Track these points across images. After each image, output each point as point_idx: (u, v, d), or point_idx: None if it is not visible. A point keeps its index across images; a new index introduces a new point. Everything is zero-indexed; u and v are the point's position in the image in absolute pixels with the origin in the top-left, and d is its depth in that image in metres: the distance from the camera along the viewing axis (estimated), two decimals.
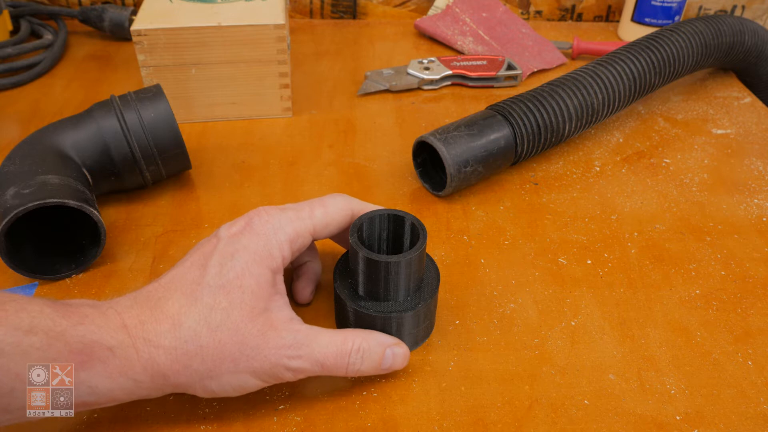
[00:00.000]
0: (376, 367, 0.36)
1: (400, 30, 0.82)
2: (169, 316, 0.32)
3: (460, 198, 0.53)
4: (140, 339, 0.31)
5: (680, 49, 0.61)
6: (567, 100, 0.55)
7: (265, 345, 0.32)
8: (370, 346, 0.35)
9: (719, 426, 0.36)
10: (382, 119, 0.63)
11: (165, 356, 0.31)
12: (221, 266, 0.33)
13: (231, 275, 0.33)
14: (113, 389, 0.31)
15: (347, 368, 0.35)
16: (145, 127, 0.47)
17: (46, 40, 0.71)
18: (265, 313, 0.33)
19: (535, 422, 0.36)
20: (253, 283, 0.33)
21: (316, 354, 0.33)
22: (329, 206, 0.37)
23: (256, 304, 0.33)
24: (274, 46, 0.58)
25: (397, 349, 0.36)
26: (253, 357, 0.32)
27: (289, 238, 0.35)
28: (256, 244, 0.34)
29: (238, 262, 0.33)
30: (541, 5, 0.86)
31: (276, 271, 0.35)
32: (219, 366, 0.32)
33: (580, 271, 0.46)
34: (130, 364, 0.30)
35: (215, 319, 0.32)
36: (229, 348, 0.32)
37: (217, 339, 0.32)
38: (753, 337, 0.42)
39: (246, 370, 0.32)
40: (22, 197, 0.40)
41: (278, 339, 0.33)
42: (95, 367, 0.30)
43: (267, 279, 0.34)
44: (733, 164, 0.59)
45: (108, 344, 0.30)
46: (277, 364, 0.33)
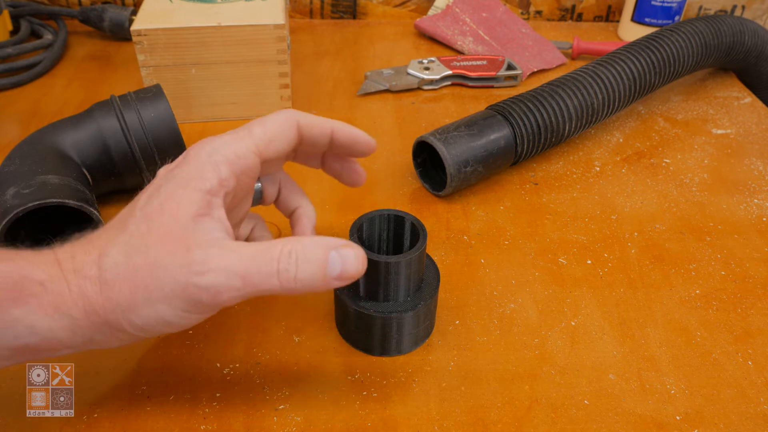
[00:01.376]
0: (320, 273, 0.30)
1: (400, 30, 0.82)
2: (96, 247, 0.30)
3: (460, 198, 0.53)
4: (70, 271, 0.29)
5: (680, 49, 0.61)
6: (567, 100, 0.55)
7: (173, 264, 0.29)
8: (305, 247, 0.30)
9: (719, 426, 0.36)
10: (382, 119, 0.63)
11: (91, 287, 0.29)
12: (149, 197, 0.31)
13: (155, 202, 0.31)
14: (53, 328, 0.29)
15: (279, 277, 0.29)
16: (145, 127, 0.47)
17: (46, 40, 0.71)
18: (182, 233, 0.30)
19: (535, 422, 0.36)
20: (174, 206, 0.30)
21: (230, 266, 0.29)
22: (268, 122, 0.34)
23: (173, 226, 0.30)
24: (274, 46, 0.58)
25: (345, 250, 0.30)
26: (160, 279, 0.29)
27: (227, 160, 0.32)
28: (186, 170, 0.32)
29: (165, 189, 0.31)
30: (541, 5, 0.86)
31: (210, 192, 0.31)
32: (134, 295, 0.29)
33: (580, 271, 0.46)
34: (62, 299, 0.29)
35: (133, 245, 0.30)
36: (142, 274, 0.29)
37: (131, 265, 0.29)
38: (753, 337, 0.42)
39: (159, 297, 0.29)
40: (22, 197, 0.40)
41: (187, 256, 0.29)
42: (29, 303, 0.29)
43: (192, 200, 0.30)
44: (733, 164, 0.59)
45: (38, 278, 0.29)
46: (188, 284, 0.29)
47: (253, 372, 0.38)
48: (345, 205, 0.51)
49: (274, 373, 0.38)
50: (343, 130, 0.37)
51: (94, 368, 0.37)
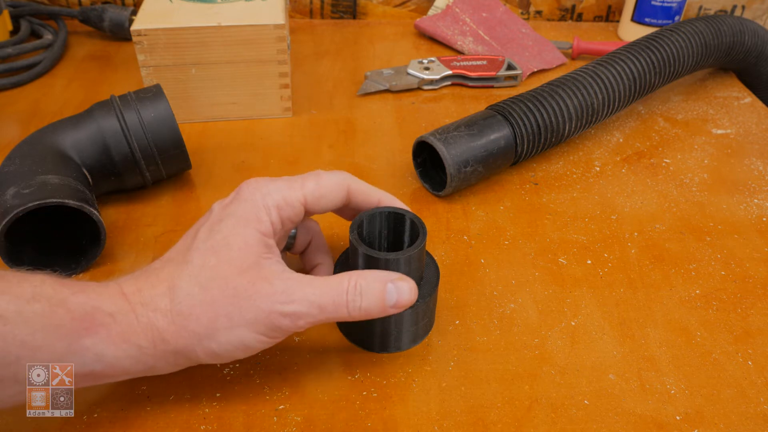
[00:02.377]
0: (380, 303, 0.34)
1: (400, 30, 0.82)
2: (163, 281, 0.32)
3: (460, 198, 0.53)
4: (138, 304, 0.32)
5: (680, 49, 0.61)
6: (567, 100, 0.55)
7: (256, 294, 0.32)
8: (368, 282, 0.34)
9: (719, 426, 0.36)
10: (382, 119, 0.63)
11: (162, 319, 0.31)
12: (210, 231, 0.34)
13: (218, 237, 0.33)
14: (119, 356, 0.31)
15: (348, 307, 0.33)
16: (145, 127, 0.47)
17: (46, 40, 0.71)
18: (256, 267, 0.33)
19: (535, 422, 0.36)
20: (240, 241, 0.33)
21: (310, 296, 0.33)
22: (323, 179, 0.37)
23: (245, 259, 0.33)
24: (274, 46, 0.58)
25: (400, 283, 0.34)
26: (246, 308, 0.32)
27: (277, 204, 0.35)
28: (243, 209, 0.34)
29: (226, 225, 0.34)
30: (541, 5, 0.86)
31: (266, 234, 0.34)
32: (214, 323, 0.32)
33: (580, 271, 0.46)
34: (131, 329, 0.31)
35: (205, 276, 0.32)
36: (221, 303, 0.32)
37: (209, 297, 0.32)
38: (753, 337, 0.42)
39: (241, 323, 0.32)
40: (22, 197, 0.40)
41: (269, 287, 0.32)
42: (99, 333, 0.30)
43: (255, 238, 0.33)
44: (733, 164, 0.59)
45: (108, 310, 0.31)
46: (272, 312, 0.32)
47: (253, 372, 0.38)
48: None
49: (274, 373, 0.38)
50: (389, 201, 0.39)
51: None
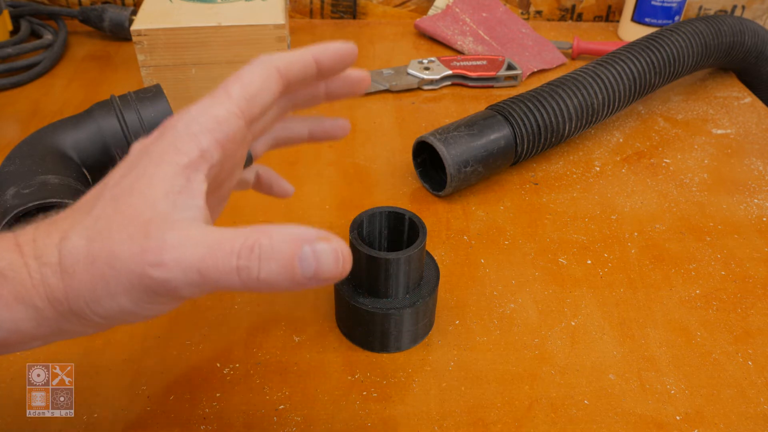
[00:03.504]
0: (288, 271, 0.25)
1: (400, 30, 0.82)
2: (59, 230, 0.27)
3: (460, 198, 0.53)
4: (31, 257, 0.27)
5: (680, 49, 0.61)
6: (567, 100, 0.55)
7: (127, 252, 0.25)
8: (273, 242, 0.25)
9: (719, 426, 0.36)
10: (382, 119, 0.63)
11: (53, 275, 0.26)
12: (121, 176, 0.28)
13: (126, 182, 0.27)
14: (16, 320, 0.26)
15: (239, 274, 0.25)
16: (145, 127, 0.47)
17: (46, 40, 0.71)
18: (150, 217, 0.26)
19: (535, 422, 0.36)
20: (144, 185, 0.27)
21: (187, 258, 0.25)
22: (245, 77, 0.30)
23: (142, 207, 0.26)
24: (274, 46, 0.58)
25: (321, 245, 0.25)
26: (120, 271, 0.26)
27: (207, 129, 0.28)
28: (160, 145, 0.28)
29: (138, 167, 0.28)
30: (541, 5, 0.86)
31: (190, 167, 0.27)
32: (95, 285, 0.26)
33: (580, 271, 0.46)
34: (24, 288, 0.26)
35: (96, 229, 0.26)
36: (100, 263, 0.26)
37: (90, 252, 0.26)
38: (753, 337, 0.42)
39: (118, 289, 0.26)
40: (22, 197, 0.40)
41: (143, 242, 0.25)
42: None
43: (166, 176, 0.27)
44: (733, 164, 0.59)
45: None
46: (143, 276, 0.25)
47: (253, 372, 0.38)
48: (345, 204, 0.51)
49: (274, 373, 0.38)
50: (325, 51, 0.32)
51: (94, 368, 0.37)
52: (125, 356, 0.38)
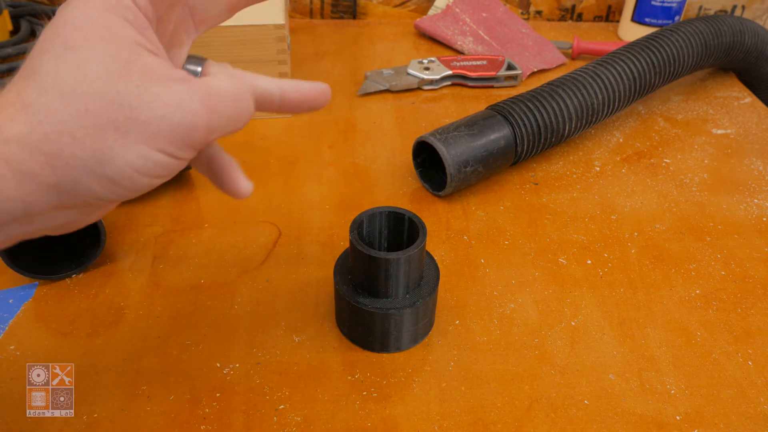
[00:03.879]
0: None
1: (400, 30, 0.82)
2: (9, 103, 0.24)
3: (460, 198, 0.53)
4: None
5: (680, 49, 0.61)
6: (567, 100, 0.55)
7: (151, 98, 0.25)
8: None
9: (719, 426, 0.36)
10: (382, 119, 0.63)
11: (20, 151, 0.23)
12: (53, 28, 0.25)
13: (68, 30, 0.25)
14: None
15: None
16: None
17: None
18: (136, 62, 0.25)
19: (535, 422, 0.36)
20: (100, 31, 0.25)
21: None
22: None
23: (116, 52, 0.25)
24: (274, 46, 0.58)
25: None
26: (140, 112, 0.24)
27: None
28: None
29: (74, 17, 0.25)
30: (541, 5, 0.86)
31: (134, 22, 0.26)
32: (102, 141, 0.24)
33: (580, 271, 0.46)
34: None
35: (67, 85, 0.24)
36: (104, 114, 0.24)
37: (81, 108, 0.24)
38: (753, 337, 0.42)
39: (139, 137, 0.25)
40: None
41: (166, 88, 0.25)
42: None
43: (119, 23, 0.25)
44: (733, 164, 0.59)
45: None
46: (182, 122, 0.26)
47: (253, 372, 0.38)
48: (345, 204, 0.51)
49: (274, 373, 0.38)
50: None
51: (94, 368, 0.37)
52: (125, 356, 0.38)
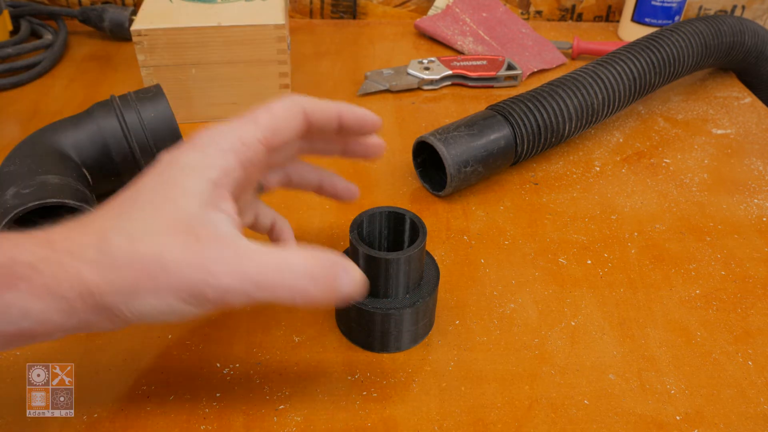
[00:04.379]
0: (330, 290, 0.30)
1: (400, 30, 0.82)
2: (95, 230, 0.29)
3: (460, 198, 0.53)
4: (65, 252, 0.28)
5: (680, 49, 0.61)
6: (567, 100, 0.55)
7: (185, 259, 0.28)
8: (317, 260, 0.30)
9: (719, 426, 0.36)
10: (382, 119, 0.63)
11: (89, 271, 0.28)
12: (153, 182, 0.31)
13: (160, 189, 0.30)
14: (46, 311, 0.28)
15: (291, 291, 0.29)
16: (145, 127, 0.47)
17: (46, 40, 0.71)
18: (192, 226, 0.29)
19: (535, 422, 0.36)
20: (179, 194, 0.29)
21: (249, 270, 0.28)
22: (274, 109, 0.33)
23: (182, 215, 0.29)
24: (274, 46, 0.58)
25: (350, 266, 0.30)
26: (172, 272, 0.28)
27: (233, 148, 0.31)
28: (191, 158, 0.31)
29: (170, 176, 0.30)
30: (541, 5, 0.86)
31: (217, 184, 0.30)
32: (139, 283, 0.28)
33: (580, 271, 0.46)
34: (56, 282, 0.28)
35: (136, 230, 0.29)
36: (147, 261, 0.28)
37: (136, 253, 0.28)
38: (753, 337, 0.42)
39: (166, 288, 0.28)
40: (22, 197, 0.40)
41: (201, 253, 0.29)
42: (19, 287, 0.27)
43: (200, 190, 0.30)
44: (733, 164, 0.59)
45: (27, 260, 0.28)
46: (199, 281, 0.28)
47: (253, 372, 0.38)
48: (345, 204, 0.51)
49: (274, 373, 0.38)
50: (350, 112, 0.36)
51: (94, 368, 0.37)
52: (125, 356, 0.38)
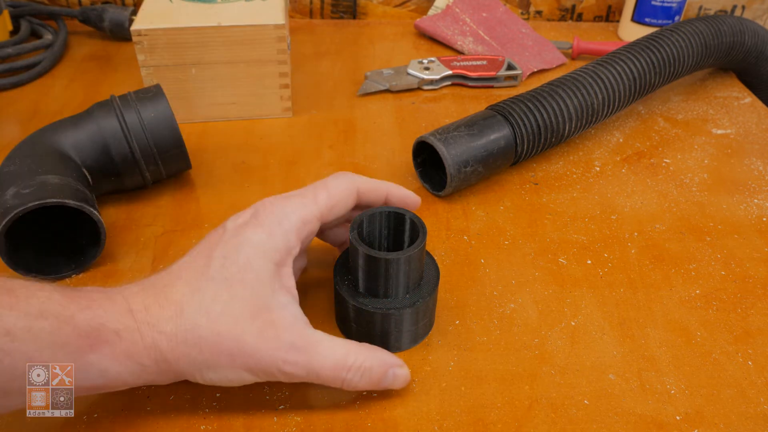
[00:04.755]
0: (374, 385, 0.35)
1: (400, 30, 0.82)
2: (172, 303, 0.32)
3: (460, 198, 0.53)
4: (144, 323, 0.32)
5: (680, 49, 0.61)
6: (567, 100, 0.55)
7: (262, 345, 0.32)
8: (372, 365, 0.34)
9: (719, 426, 0.36)
10: (382, 119, 0.63)
11: (167, 342, 0.32)
12: (224, 258, 0.33)
13: (233, 269, 0.33)
14: (121, 372, 0.31)
15: (343, 383, 0.34)
16: (145, 127, 0.47)
17: (46, 40, 0.71)
18: (267, 311, 0.33)
19: (535, 422, 0.36)
20: (254, 278, 0.33)
21: (314, 363, 0.33)
22: (332, 188, 0.37)
23: (257, 300, 0.33)
24: (274, 46, 0.58)
25: (399, 370, 0.35)
26: (249, 354, 0.32)
27: (295, 227, 0.35)
28: (259, 237, 0.34)
29: (241, 256, 0.33)
30: (541, 5, 0.86)
31: (281, 263, 0.34)
32: (216, 358, 0.32)
33: (580, 271, 0.46)
34: (135, 348, 0.31)
35: (215, 310, 0.32)
36: (227, 342, 0.32)
37: (215, 331, 0.32)
38: (753, 337, 0.42)
39: (242, 366, 0.32)
40: (22, 197, 0.40)
41: (276, 341, 0.32)
42: (103, 350, 0.30)
43: (270, 273, 0.33)
44: (733, 164, 0.59)
45: (114, 328, 0.31)
46: (272, 365, 0.33)
47: None
48: None
49: None
50: (397, 193, 0.40)
51: None
52: None
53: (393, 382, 0.35)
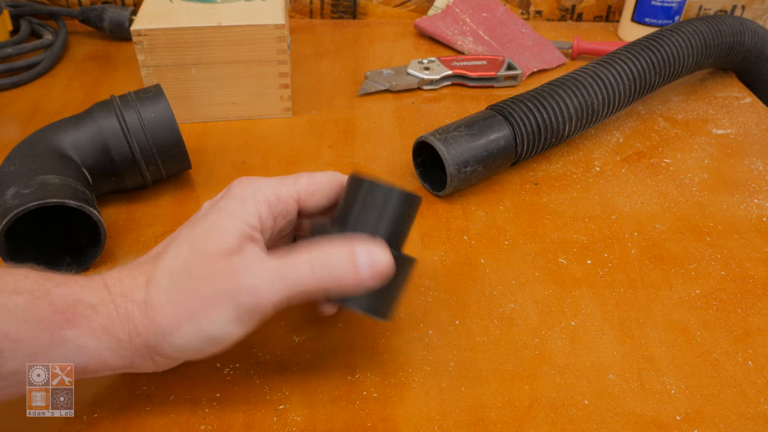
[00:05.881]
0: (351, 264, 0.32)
1: (400, 30, 0.82)
2: (143, 273, 0.32)
3: (460, 198, 0.53)
4: (118, 295, 0.32)
5: (680, 49, 0.61)
6: (567, 100, 0.55)
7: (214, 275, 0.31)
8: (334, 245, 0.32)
9: (719, 426, 0.36)
10: (382, 119, 0.63)
11: (137, 311, 0.31)
12: (192, 225, 0.34)
13: (198, 230, 0.33)
14: (99, 349, 0.31)
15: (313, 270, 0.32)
16: (145, 127, 0.47)
17: (46, 40, 0.71)
18: (227, 255, 0.31)
19: (535, 422, 0.36)
20: (216, 234, 0.32)
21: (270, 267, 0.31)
22: (315, 176, 0.37)
23: (218, 249, 0.32)
24: (274, 46, 0.58)
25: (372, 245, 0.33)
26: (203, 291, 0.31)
27: (268, 200, 0.34)
28: (230, 204, 0.34)
29: (208, 219, 0.33)
30: (541, 5, 0.86)
31: (251, 227, 0.33)
32: (177, 313, 0.31)
33: (580, 271, 0.46)
34: (110, 321, 0.31)
35: (176, 267, 0.32)
36: (185, 291, 0.31)
37: (175, 288, 0.31)
38: (753, 337, 0.42)
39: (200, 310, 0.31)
40: (22, 197, 0.40)
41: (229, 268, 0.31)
42: (80, 325, 0.30)
43: (236, 228, 0.32)
44: (733, 164, 0.59)
45: (90, 302, 0.31)
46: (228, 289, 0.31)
47: (253, 372, 0.38)
48: None
49: (274, 373, 0.38)
50: None
51: None
52: None
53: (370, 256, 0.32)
